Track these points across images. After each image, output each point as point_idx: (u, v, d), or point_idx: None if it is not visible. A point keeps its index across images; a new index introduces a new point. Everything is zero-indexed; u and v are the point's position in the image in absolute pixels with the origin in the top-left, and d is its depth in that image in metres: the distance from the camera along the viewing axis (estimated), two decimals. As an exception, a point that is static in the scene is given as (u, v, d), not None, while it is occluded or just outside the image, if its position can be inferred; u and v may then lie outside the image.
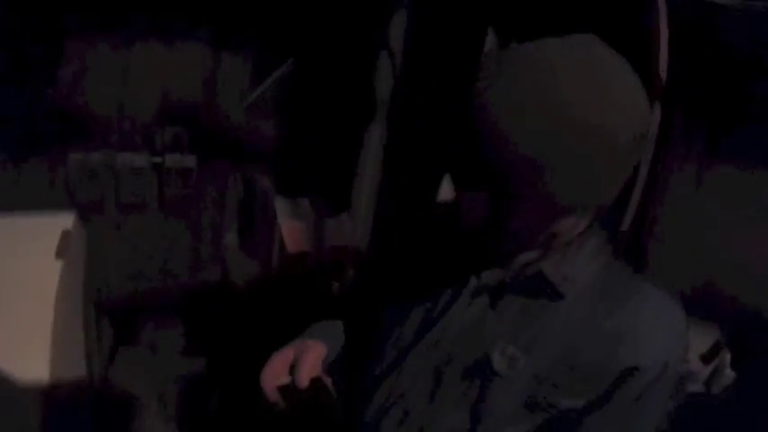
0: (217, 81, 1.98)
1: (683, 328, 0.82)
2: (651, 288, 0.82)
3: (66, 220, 1.53)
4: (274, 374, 0.94)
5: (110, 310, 2.13)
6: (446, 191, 0.83)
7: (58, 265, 1.33)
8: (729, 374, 1.71)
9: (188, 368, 2.07)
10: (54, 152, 2.09)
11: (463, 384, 0.86)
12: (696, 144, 1.64)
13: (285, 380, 0.93)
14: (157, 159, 2.00)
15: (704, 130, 1.65)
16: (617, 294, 0.80)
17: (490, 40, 1.60)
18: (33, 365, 1.10)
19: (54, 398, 1.08)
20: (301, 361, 0.92)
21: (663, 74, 1.64)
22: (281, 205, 1.91)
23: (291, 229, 1.89)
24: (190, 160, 1.98)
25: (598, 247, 0.84)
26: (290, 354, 0.95)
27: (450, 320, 0.87)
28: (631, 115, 0.68)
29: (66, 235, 1.42)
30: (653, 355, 0.78)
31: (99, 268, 2.14)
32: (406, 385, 0.90)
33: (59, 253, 1.36)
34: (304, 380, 0.91)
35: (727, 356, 1.75)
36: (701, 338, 1.74)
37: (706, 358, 1.77)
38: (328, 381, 0.95)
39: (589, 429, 0.84)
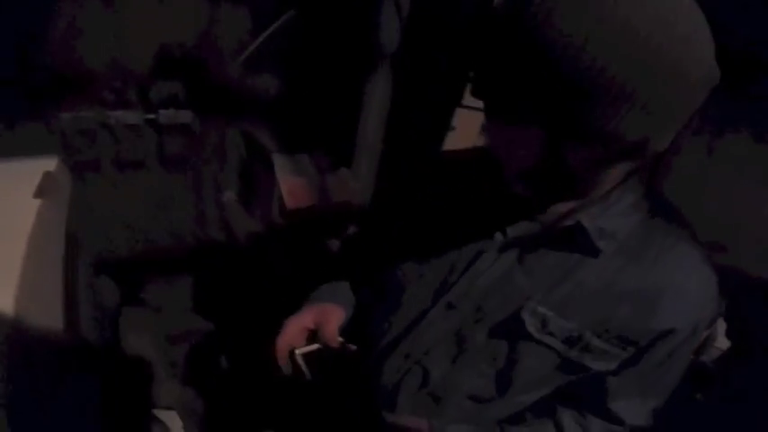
0: (214, 34, 1.91)
1: (716, 291, 0.77)
2: (688, 247, 0.77)
3: (49, 164, 1.50)
4: (290, 341, 0.90)
5: (112, 270, 2.14)
6: (466, 136, 0.75)
7: (35, 204, 1.30)
8: (723, 342, 1.71)
9: (194, 326, 2.10)
10: (48, 111, 2.04)
11: (489, 347, 0.81)
12: (708, 112, 1.59)
13: (305, 346, 0.91)
14: (151, 116, 1.95)
15: (716, 98, 1.61)
16: (654, 253, 0.75)
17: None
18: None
19: (20, 336, 1.06)
20: (327, 326, 0.90)
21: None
22: (280, 161, 1.88)
23: (291, 185, 1.87)
24: (186, 116, 1.93)
25: (636, 202, 0.78)
26: (308, 319, 0.92)
27: (474, 279, 0.80)
28: (704, 51, 0.62)
29: (47, 176, 1.40)
30: (687, 317, 0.75)
31: (99, 227, 2.14)
32: (424, 348, 0.86)
33: (39, 193, 1.34)
34: (333, 342, 0.89)
35: (723, 326, 1.75)
36: None
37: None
38: (353, 346, 0.92)
39: (612, 388, 0.83)
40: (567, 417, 0.87)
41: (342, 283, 1.06)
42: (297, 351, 0.89)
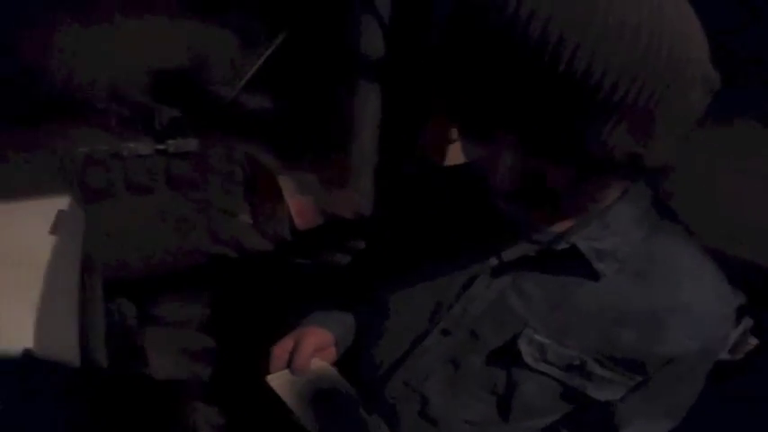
0: (208, 58, 1.94)
1: (729, 309, 0.71)
2: (696, 264, 0.71)
3: (62, 202, 1.57)
4: (276, 368, 0.86)
5: (129, 291, 2.20)
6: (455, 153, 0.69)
7: (51, 240, 1.37)
8: (752, 341, 1.70)
9: (212, 343, 2.14)
10: (60, 143, 2.10)
11: (486, 373, 0.77)
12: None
13: (283, 373, 0.86)
14: (161, 146, 2.00)
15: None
16: (659, 272, 0.70)
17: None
18: (16, 331, 1.14)
19: (36, 366, 1.12)
20: (300, 349, 0.85)
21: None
22: (286, 183, 1.91)
23: (299, 205, 1.90)
24: (192, 143, 1.98)
25: (638, 217, 0.71)
26: (288, 344, 0.87)
27: (467, 304, 0.76)
28: (701, 53, 0.55)
29: (60, 214, 1.47)
30: (697, 339, 0.69)
31: (114, 250, 2.20)
32: (423, 375, 0.81)
33: (54, 229, 1.41)
34: (301, 367, 0.84)
35: (750, 322, 1.73)
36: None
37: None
38: (332, 369, 0.88)
39: (622, 416, 0.78)
40: None
41: (337, 311, 1.00)
42: (267, 378, 0.85)
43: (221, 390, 2.09)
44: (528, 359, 0.72)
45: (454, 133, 1.77)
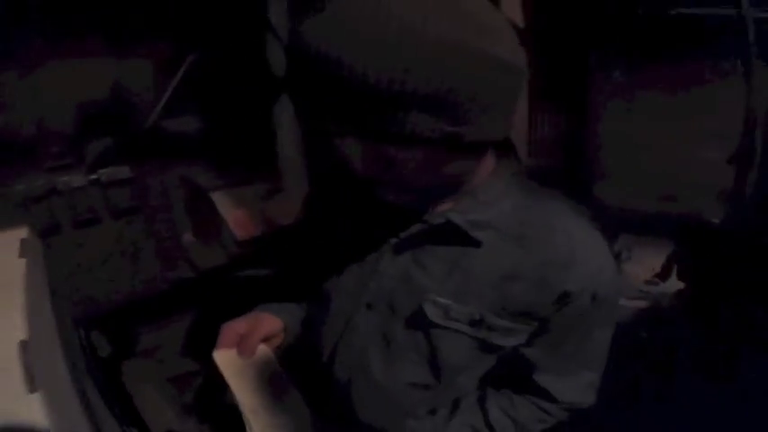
0: (125, 87, 1.95)
1: (606, 255, 0.82)
2: (571, 218, 0.82)
3: (21, 232, 1.56)
4: (223, 345, 0.94)
5: (99, 325, 2.23)
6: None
7: (23, 263, 1.34)
8: (677, 284, 1.76)
9: (191, 367, 2.18)
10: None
11: (410, 339, 0.87)
12: (617, 77, 1.61)
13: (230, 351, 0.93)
14: (93, 176, 2.02)
15: (623, 63, 1.62)
16: (533, 232, 0.80)
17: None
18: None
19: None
20: (252, 334, 0.93)
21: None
22: (219, 198, 1.94)
23: (236, 217, 1.93)
24: (123, 171, 2.00)
25: (506, 185, 0.82)
26: (240, 326, 0.96)
27: (380, 280, 0.87)
28: (505, 45, 0.65)
29: (24, 241, 1.46)
30: (581, 282, 0.79)
31: (72, 285, 2.22)
32: (359, 348, 0.92)
33: (23, 254, 1.39)
34: (248, 351, 0.92)
35: (675, 268, 1.79)
36: (655, 256, 1.78)
37: (661, 275, 1.82)
38: (273, 357, 0.96)
39: (532, 360, 0.88)
40: (495, 409, 0.93)
41: (291, 303, 1.10)
42: (214, 353, 0.93)
43: (209, 411, 2.11)
44: (436, 319, 0.84)
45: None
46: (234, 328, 0.97)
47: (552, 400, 0.92)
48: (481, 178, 0.80)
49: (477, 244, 0.80)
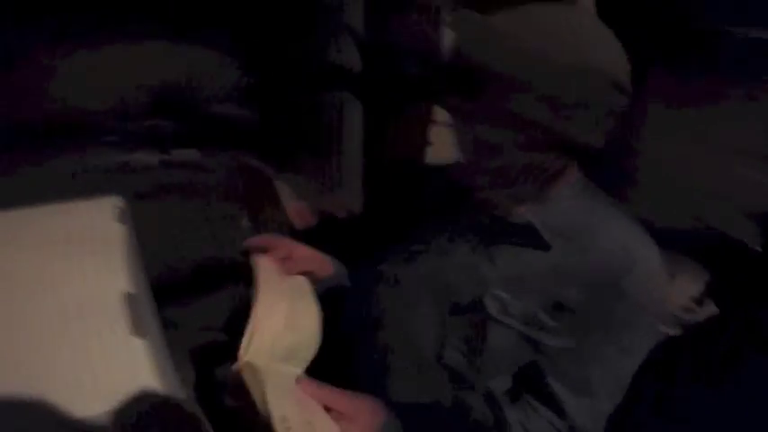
0: (201, 77, 2.06)
1: (661, 268, 0.93)
2: (632, 226, 0.94)
3: (115, 201, 1.53)
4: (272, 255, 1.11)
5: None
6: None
7: (122, 228, 1.26)
8: (712, 310, 1.76)
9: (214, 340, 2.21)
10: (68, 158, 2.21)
11: (465, 327, 0.96)
12: (663, 86, 1.66)
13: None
14: (165, 156, 2.13)
15: (671, 73, 1.68)
16: (596, 234, 0.91)
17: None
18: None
19: None
20: (303, 247, 1.11)
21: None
22: (282, 188, 2.03)
23: (296, 208, 2.02)
24: (193, 153, 2.11)
25: (574, 195, 0.95)
26: (300, 250, 1.13)
27: (449, 267, 0.97)
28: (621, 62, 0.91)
29: (121, 209, 1.43)
30: (633, 287, 0.88)
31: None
32: (416, 330, 1.00)
33: (122, 219, 1.37)
34: (290, 271, 1.04)
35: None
36: (690, 278, 1.78)
37: (699, 301, 1.82)
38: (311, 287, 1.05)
39: (554, 359, 0.94)
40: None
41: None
42: (254, 256, 1.04)
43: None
44: (492, 311, 0.92)
45: (431, 136, 1.91)
46: (289, 245, 1.04)
47: (562, 413, 0.95)
48: (557, 189, 0.93)
49: (546, 248, 0.89)
